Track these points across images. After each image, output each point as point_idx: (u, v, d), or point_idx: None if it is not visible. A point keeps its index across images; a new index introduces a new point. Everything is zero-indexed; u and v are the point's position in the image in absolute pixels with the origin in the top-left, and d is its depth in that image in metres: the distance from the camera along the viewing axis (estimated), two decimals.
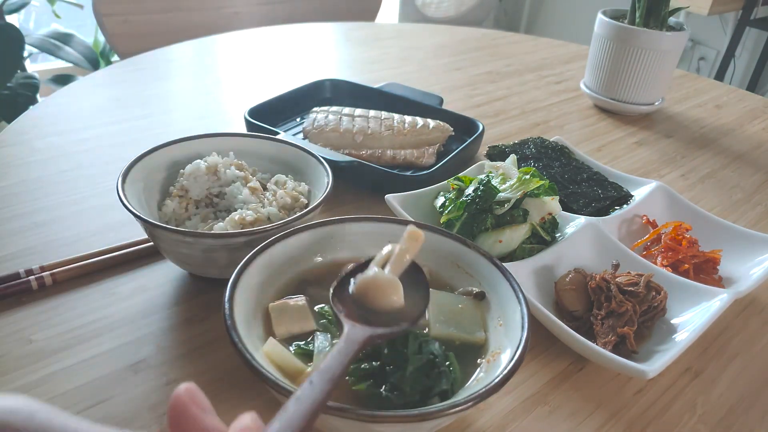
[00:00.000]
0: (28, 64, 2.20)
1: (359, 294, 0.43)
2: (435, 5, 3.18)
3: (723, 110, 1.24)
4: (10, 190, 0.74)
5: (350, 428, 0.38)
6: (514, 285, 0.48)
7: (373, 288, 0.42)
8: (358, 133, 0.87)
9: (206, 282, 0.62)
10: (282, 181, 0.65)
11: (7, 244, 0.65)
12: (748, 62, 2.78)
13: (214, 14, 1.73)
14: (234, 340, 0.40)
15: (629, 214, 0.74)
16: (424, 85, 1.13)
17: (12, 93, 1.82)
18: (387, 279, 0.42)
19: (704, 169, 0.99)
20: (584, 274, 0.61)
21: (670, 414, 0.53)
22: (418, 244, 0.44)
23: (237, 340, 0.40)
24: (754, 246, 0.68)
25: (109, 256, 0.63)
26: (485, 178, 0.66)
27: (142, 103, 1.04)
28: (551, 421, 0.51)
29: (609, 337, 0.55)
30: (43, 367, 0.51)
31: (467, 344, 0.47)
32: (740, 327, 0.63)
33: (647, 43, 1.05)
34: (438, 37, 1.59)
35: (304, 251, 0.52)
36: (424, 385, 0.42)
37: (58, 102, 1.03)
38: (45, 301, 0.58)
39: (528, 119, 1.12)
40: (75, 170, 0.80)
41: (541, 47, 1.57)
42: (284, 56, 1.35)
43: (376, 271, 0.42)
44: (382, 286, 0.42)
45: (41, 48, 1.96)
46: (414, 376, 0.42)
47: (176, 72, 1.23)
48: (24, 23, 2.52)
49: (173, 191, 0.63)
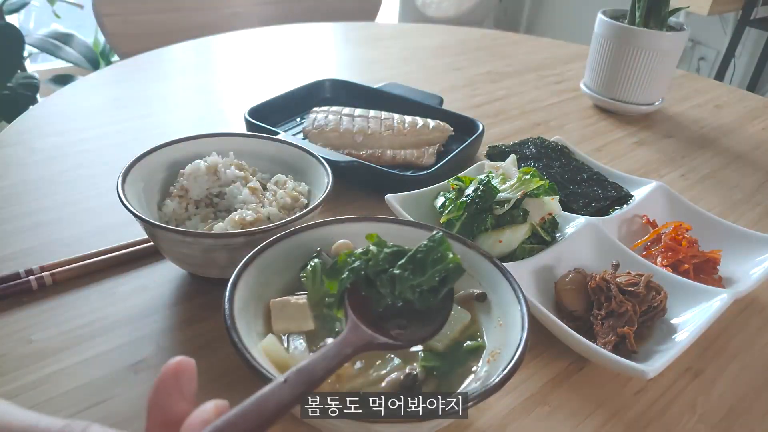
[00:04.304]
0: (28, 64, 2.19)
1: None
2: (435, 5, 3.18)
3: (723, 110, 1.24)
4: (10, 190, 0.74)
5: (350, 428, 0.38)
6: (514, 285, 0.48)
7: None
8: (358, 133, 0.87)
9: (206, 282, 0.62)
10: (282, 181, 0.65)
11: (7, 244, 0.65)
12: (748, 62, 2.78)
13: (213, 14, 1.73)
14: (234, 340, 0.40)
15: (629, 214, 0.74)
16: (424, 85, 1.13)
17: (12, 93, 1.82)
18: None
19: (704, 169, 0.99)
20: (584, 274, 0.61)
21: (670, 414, 0.53)
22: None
23: (237, 340, 0.40)
24: (754, 246, 0.68)
25: (109, 256, 0.63)
26: (485, 178, 0.66)
27: (142, 103, 1.04)
28: (551, 421, 0.51)
29: (609, 337, 0.55)
30: (43, 367, 0.51)
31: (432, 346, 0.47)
32: (740, 327, 0.63)
33: (647, 43, 1.05)
34: (438, 37, 1.59)
35: (304, 251, 0.52)
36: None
37: (58, 102, 1.03)
38: (45, 301, 0.58)
39: (528, 119, 1.12)
40: (75, 170, 0.80)
41: (541, 47, 1.57)
42: (284, 56, 1.35)
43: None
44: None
45: (41, 48, 1.96)
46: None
47: (176, 72, 1.23)
48: (24, 23, 2.52)
49: (173, 191, 0.63)
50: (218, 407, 0.26)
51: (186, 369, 0.27)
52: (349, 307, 0.42)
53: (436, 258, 0.43)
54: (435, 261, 0.43)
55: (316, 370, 0.33)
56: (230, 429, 0.25)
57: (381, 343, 0.40)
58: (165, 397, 0.26)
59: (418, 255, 0.43)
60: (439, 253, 0.43)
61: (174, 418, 0.26)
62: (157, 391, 0.26)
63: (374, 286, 0.44)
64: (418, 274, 0.43)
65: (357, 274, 0.44)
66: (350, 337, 0.38)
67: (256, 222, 0.58)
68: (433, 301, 0.44)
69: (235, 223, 0.57)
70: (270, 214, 0.59)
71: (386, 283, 0.44)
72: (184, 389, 0.26)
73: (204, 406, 0.25)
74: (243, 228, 0.57)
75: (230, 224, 0.57)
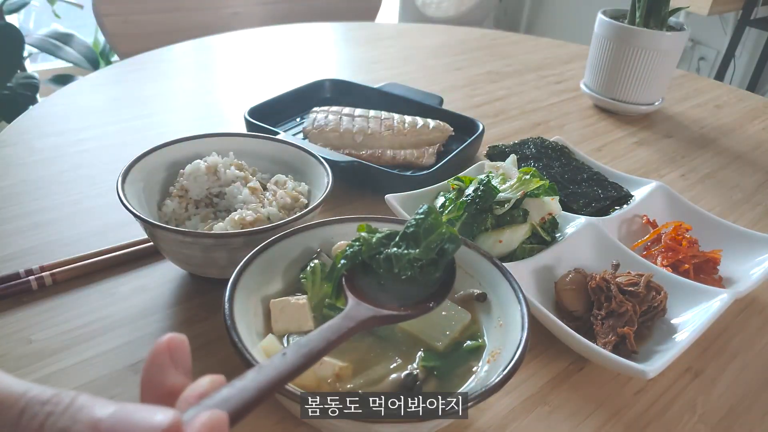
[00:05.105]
0: (28, 64, 2.19)
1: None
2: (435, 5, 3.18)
3: (723, 110, 1.24)
4: (10, 190, 0.74)
5: (350, 428, 0.38)
6: (514, 285, 0.48)
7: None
8: (358, 133, 0.87)
9: (206, 282, 0.62)
10: (282, 181, 0.65)
11: (7, 244, 0.65)
12: (748, 62, 2.78)
13: (213, 14, 1.73)
14: (234, 340, 0.40)
15: (629, 214, 0.74)
16: (424, 85, 1.13)
17: (12, 93, 1.82)
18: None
19: (704, 169, 0.99)
20: (584, 274, 0.61)
21: (670, 414, 0.53)
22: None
23: (237, 340, 0.40)
24: (754, 246, 0.68)
25: (109, 256, 0.63)
26: (485, 178, 0.66)
27: (142, 103, 1.04)
28: (551, 421, 0.51)
29: (609, 337, 0.55)
30: (43, 367, 0.51)
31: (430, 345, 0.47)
32: (740, 327, 0.63)
33: (647, 43, 1.05)
34: (438, 37, 1.59)
35: (304, 251, 0.52)
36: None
37: (58, 102, 1.03)
38: (45, 301, 0.58)
39: (528, 119, 1.12)
40: (75, 170, 0.80)
41: (541, 47, 1.57)
42: (284, 56, 1.35)
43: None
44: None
45: (41, 48, 1.96)
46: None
47: (176, 72, 1.23)
48: (24, 23, 2.52)
49: (173, 191, 0.63)
50: (214, 381, 0.25)
51: (179, 345, 0.27)
52: (348, 289, 0.42)
53: (428, 228, 0.43)
54: (427, 231, 0.43)
55: (315, 343, 0.32)
56: (228, 400, 0.24)
57: (386, 315, 0.39)
58: (158, 371, 0.26)
59: (409, 230, 0.44)
60: (429, 223, 0.43)
61: (168, 391, 0.26)
62: (150, 366, 0.26)
63: (372, 272, 0.44)
64: (413, 247, 0.43)
65: (353, 260, 0.44)
66: (352, 312, 0.38)
67: (256, 222, 0.58)
68: (435, 273, 0.44)
69: (235, 223, 0.57)
70: (270, 214, 0.59)
71: (383, 263, 0.44)
72: (179, 363, 0.26)
73: (200, 381, 0.25)
74: (243, 228, 0.57)
75: (230, 224, 0.57)
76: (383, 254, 0.44)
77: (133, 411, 0.22)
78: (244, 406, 0.25)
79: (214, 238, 0.53)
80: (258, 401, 0.26)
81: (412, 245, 0.43)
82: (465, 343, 0.47)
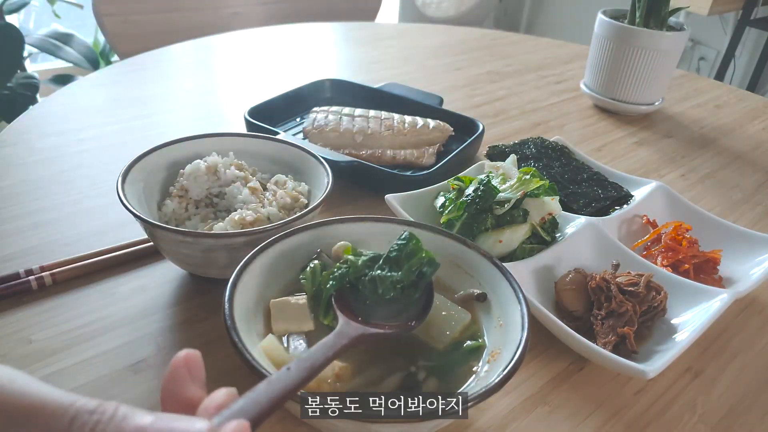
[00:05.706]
0: (28, 64, 2.19)
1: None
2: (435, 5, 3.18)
3: (723, 110, 1.24)
4: (10, 190, 0.74)
5: (350, 428, 0.38)
6: (514, 285, 0.48)
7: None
8: (358, 133, 0.87)
9: (206, 282, 0.62)
10: (282, 181, 0.65)
11: (7, 244, 0.65)
12: (748, 62, 2.78)
13: (213, 14, 1.73)
14: (234, 340, 0.40)
15: (629, 214, 0.74)
16: (424, 85, 1.13)
17: (12, 93, 1.82)
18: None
19: (704, 169, 0.99)
20: (584, 274, 0.61)
21: (670, 414, 0.53)
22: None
23: (237, 340, 0.40)
24: (754, 246, 0.68)
25: (109, 256, 0.63)
26: (485, 178, 0.66)
27: (142, 103, 1.04)
28: (551, 421, 0.51)
29: (609, 337, 0.55)
30: (43, 367, 0.51)
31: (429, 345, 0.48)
32: (740, 327, 0.63)
33: (647, 43, 1.05)
34: (438, 37, 1.59)
35: (304, 251, 0.52)
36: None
37: (58, 102, 1.03)
38: (45, 301, 0.58)
39: (528, 119, 1.12)
40: (75, 170, 0.80)
41: (541, 47, 1.57)
42: (284, 56, 1.35)
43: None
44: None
45: (41, 48, 1.96)
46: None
47: (176, 72, 1.23)
48: (24, 23, 2.52)
49: (173, 191, 0.63)
50: (229, 394, 0.28)
51: (195, 360, 0.29)
52: (337, 309, 0.45)
53: (409, 252, 0.47)
54: (408, 255, 0.47)
55: (315, 358, 0.35)
56: (246, 410, 0.27)
57: (373, 333, 0.42)
58: (178, 384, 0.28)
59: (392, 254, 0.47)
60: (410, 248, 0.47)
61: (188, 403, 0.28)
62: (170, 381, 0.28)
63: (358, 292, 0.47)
64: (395, 270, 0.46)
65: (341, 281, 0.47)
66: (344, 330, 0.41)
67: (256, 222, 0.58)
68: (415, 294, 0.47)
69: (235, 223, 0.57)
70: (270, 214, 0.59)
71: (368, 284, 0.47)
72: (195, 377, 0.29)
73: (216, 393, 0.28)
74: (243, 228, 0.57)
75: (230, 224, 0.57)
76: (368, 276, 0.47)
77: (173, 419, 0.25)
78: (260, 415, 0.28)
79: (214, 238, 0.53)
80: (271, 411, 0.29)
81: (394, 268, 0.47)
82: (465, 343, 0.47)
